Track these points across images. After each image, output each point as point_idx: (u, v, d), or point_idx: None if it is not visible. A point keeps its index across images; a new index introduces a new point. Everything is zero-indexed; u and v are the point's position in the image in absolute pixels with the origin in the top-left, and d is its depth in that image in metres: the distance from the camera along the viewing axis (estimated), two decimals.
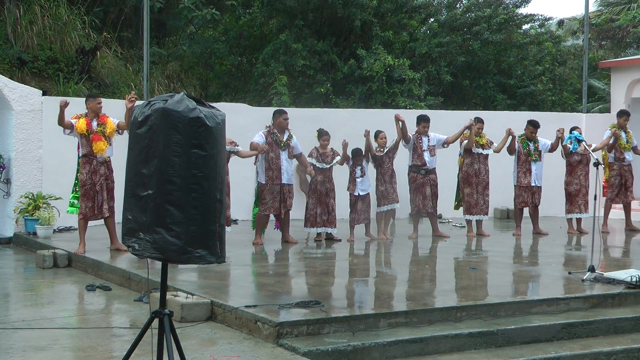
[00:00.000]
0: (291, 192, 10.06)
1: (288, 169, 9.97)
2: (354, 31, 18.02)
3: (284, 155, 9.89)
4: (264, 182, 9.88)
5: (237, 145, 9.67)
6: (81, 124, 9.04)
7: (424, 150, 10.78)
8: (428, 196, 10.81)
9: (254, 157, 10.05)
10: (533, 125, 11.40)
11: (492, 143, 11.21)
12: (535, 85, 19.00)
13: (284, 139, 9.93)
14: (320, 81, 17.12)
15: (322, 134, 10.25)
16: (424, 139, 10.84)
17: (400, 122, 10.56)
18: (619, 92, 15.19)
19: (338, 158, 10.28)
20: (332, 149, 10.29)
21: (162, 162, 3.92)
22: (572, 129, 11.00)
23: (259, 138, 9.81)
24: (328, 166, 10.19)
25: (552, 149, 11.46)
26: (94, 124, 9.12)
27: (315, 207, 10.21)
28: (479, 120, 11.13)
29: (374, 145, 10.57)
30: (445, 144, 10.96)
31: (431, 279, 8.00)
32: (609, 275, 7.46)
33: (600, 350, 6.01)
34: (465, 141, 11.00)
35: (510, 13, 19.38)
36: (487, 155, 11.13)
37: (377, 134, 10.65)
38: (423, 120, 10.89)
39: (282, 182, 9.87)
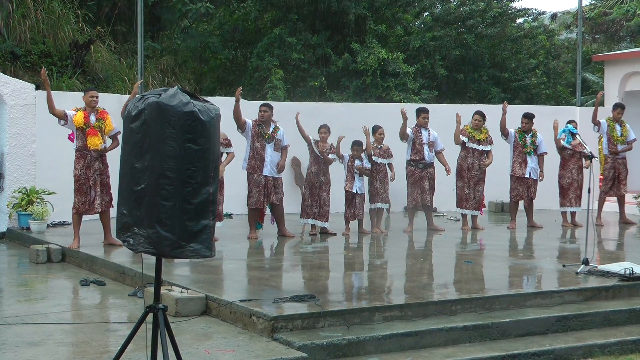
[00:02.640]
0: (277, 186, 9.99)
1: (272, 161, 9.92)
2: (348, 25, 18.00)
3: (269, 148, 9.88)
4: (245, 170, 9.89)
5: (231, 146, 9.62)
6: (79, 117, 8.97)
7: (424, 144, 10.75)
8: (426, 190, 10.80)
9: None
10: (527, 117, 11.40)
11: (492, 142, 11.14)
12: (530, 78, 19.03)
13: (269, 132, 9.91)
14: (315, 75, 17.10)
15: (321, 127, 10.25)
16: (424, 132, 10.80)
17: (405, 119, 10.56)
18: (612, 85, 15.22)
19: (333, 156, 10.24)
20: (331, 144, 10.26)
21: (155, 157, 3.91)
22: (568, 122, 10.99)
23: (248, 120, 9.85)
24: (323, 158, 10.14)
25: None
26: (92, 118, 9.05)
27: (308, 198, 10.21)
28: (479, 114, 11.06)
29: (372, 140, 10.58)
30: (437, 153, 10.93)
31: (426, 272, 8.01)
32: (603, 268, 7.47)
33: (594, 343, 6.03)
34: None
35: (504, 7, 19.39)
36: (482, 151, 11.09)
37: (376, 129, 10.61)
38: (423, 112, 10.84)
39: (264, 173, 9.84)
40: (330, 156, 10.18)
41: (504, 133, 11.31)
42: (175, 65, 17.66)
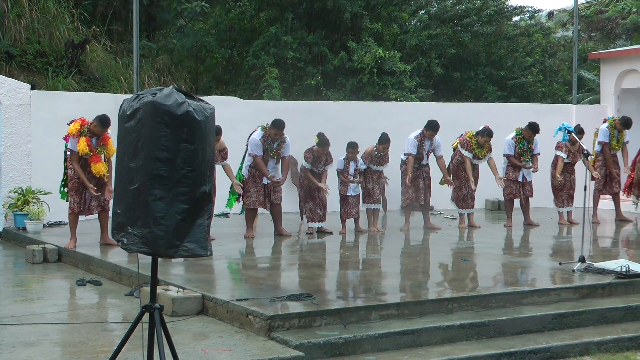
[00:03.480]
0: (276, 185, 9.99)
1: (273, 173, 9.89)
2: (344, 23, 18.00)
3: (271, 163, 9.86)
4: (246, 177, 9.87)
5: (227, 158, 9.52)
6: (83, 146, 8.70)
7: (425, 153, 10.79)
8: (421, 188, 10.79)
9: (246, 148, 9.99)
10: (533, 130, 11.24)
11: (491, 150, 11.13)
12: (526, 76, 19.05)
13: (274, 148, 9.86)
14: (311, 73, 17.09)
15: (324, 144, 9.98)
16: (427, 142, 10.80)
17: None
18: (608, 83, 15.23)
19: (332, 165, 10.23)
20: (327, 154, 10.24)
21: (150, 156, 3.90)
22: (576, 127, 10.94)
23: (257, 149, 9.69)
24: (319, 171, 10.16)
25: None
26: (94, 141, 8.85)
27: (306, 200, 10.20)
28: (487, 134, 10.96)
29: (374, 148, 10.54)
30: (437, 158, 10.90)
31: (423, 270, 8.01)
32: (599, 265, 7.48)
33: (591, 340, 6.04)
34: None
35: (500, 5, 19.41)
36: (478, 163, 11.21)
37: (384, 141, 10.32)
38: (432, 129, 10.67)
39: (264, 182, 9.83)
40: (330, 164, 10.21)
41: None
42: (171, 64, 17.64)
